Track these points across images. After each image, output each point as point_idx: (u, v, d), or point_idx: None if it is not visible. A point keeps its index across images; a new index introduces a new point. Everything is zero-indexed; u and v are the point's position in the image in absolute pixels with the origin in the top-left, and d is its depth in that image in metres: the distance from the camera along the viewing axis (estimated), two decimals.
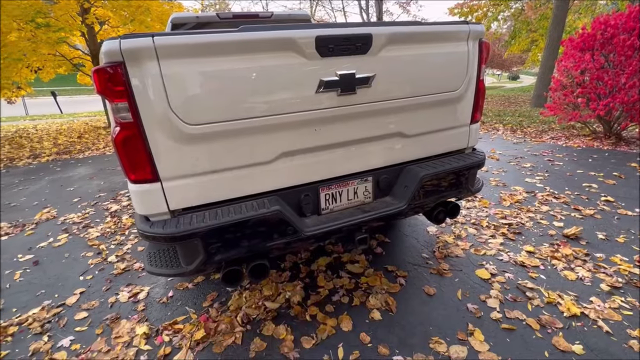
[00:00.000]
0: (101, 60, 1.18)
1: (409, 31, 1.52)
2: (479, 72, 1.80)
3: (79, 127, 9.78)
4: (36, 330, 1.88)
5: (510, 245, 2.47)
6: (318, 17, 24.10)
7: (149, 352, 1.70)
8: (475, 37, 1.71)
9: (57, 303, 2.11)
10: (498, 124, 7.30)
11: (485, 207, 3.10)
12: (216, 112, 1.30)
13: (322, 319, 1.84)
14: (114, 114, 1.22)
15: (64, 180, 4.73)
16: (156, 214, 1.35)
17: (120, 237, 2.93)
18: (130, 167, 1.28)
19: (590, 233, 2.54)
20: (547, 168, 4.11)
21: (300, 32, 1.32)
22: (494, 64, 23.74)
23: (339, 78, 1.41)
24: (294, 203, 1.59)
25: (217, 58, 1.26)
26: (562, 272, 2.12)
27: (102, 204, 3.75)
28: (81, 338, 1.82)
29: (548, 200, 3.17)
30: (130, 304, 2.07)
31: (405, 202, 1.70)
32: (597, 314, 1.76)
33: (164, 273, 1.42)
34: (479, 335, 1.68)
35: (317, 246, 2.56)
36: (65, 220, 3.35)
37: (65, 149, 6.88)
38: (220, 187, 1.42)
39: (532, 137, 5.86)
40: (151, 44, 1.15)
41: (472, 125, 1.93)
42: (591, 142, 5.14)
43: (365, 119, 1.58)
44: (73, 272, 2.45)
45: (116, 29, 8.80)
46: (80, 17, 7.67)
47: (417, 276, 2.18)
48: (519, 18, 13.74)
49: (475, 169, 1.89)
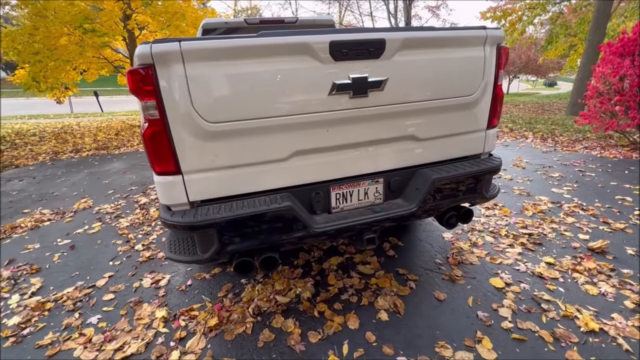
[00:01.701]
0: (134, 62, 1.31)
1: (423, 36, 1.55)
2: (497, 78, 1.79)
3: (116, 125, 10.45)
4: (69, 307, 2.07)
5: (529, 255, 2.39)
6: (346, 21, 24.25)
7: (166, 334, 1.82)
8: (493, 42, 1.70)
9: (89, 284, 2.30)
10: (528, 132, 7.01)
11: (505, 216, 3.02)
12: (235, 112, 1.39)
13: (330, 316, 1.89)
14: (143, 111, 1.35)
15: (100, 174, 5.09)
16: (177, 204, 1.47)
17: (147, 228, 3.13)
18: (155, 160, 1.40)
19: (619, 248, 2.41)
20: (577, 178, 3.91)
21: (315, 37, 1.38)
22: (528, 70, 22.67)
23: (351, 81, 1.47)
24: (306, 200, 1.65)
25: (237, 61, 1.35)
26: (582, 286, 2.03)
27: (132, 197, 4.02)
28: (107, 317, 1.97)
29: (575, 212, 3.02)
30: (152, 290, 2.21)
31: (416, 205, 1.71)
32: (618, 331, 1.68)
33: (182, 260, 1.53)
34: (487, 344, 1.65)
35: (330, 245, 2.61)
36: (99, 210, 3.62)
37: (104, 144, 7.39)
38: (236, 182, 1.51)
39: (563, 146, 5.58)
40: (178, 49, 1.26)
41: (488, 131, 1.91)
42: (629, 153, 4.82)
43: (377, 122, 1.62)
44: (104, 257, 2.65)
45: (154, 33, 9.36)
46: (122, 23, 8.24)
47: (428, 281, 2.17)
48: (557, 22, 13.10)
49: (490, 174, 1.87)
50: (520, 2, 12.93)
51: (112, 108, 16.29)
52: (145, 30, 9.46)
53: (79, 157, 6.28)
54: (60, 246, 2.85)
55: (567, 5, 12.89)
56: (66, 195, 4.15)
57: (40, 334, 1.86)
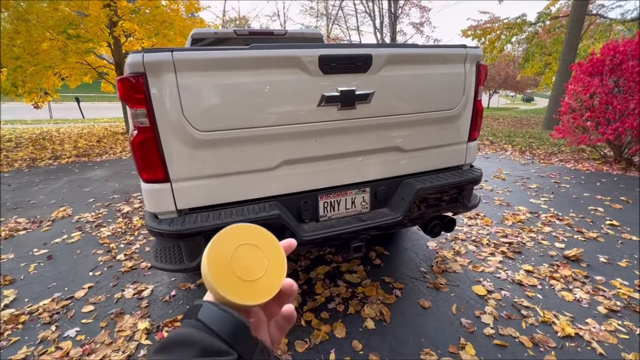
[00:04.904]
0: (125, 70, 1.32)
1: (407, 53, 1.63)
2: (477, 93, 1.88)
3: (98, 132, 10.20)
4: (45, 320, 1.99)
5: (509, 263, 2.47)
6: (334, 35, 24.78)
7: (149, 346, 1.77)
8: (472, 59, 1.80)
9: (67, 296, 2.21)
10: (507, 145, 7.29)
11: (487, 225, 3.12)
12: (225, 121, 1.41)
13: (317, 325, 1.89)
14: (133, 119, 1.35)
15: (81, 181, 4.95)
16: (164, 212, 1.46)
17: (129, 237, 3.05)
18: (144, 167, 1.39)
19: (592, 256, 2.53)
20: (553, 190, 4.10)
21: (305, 51, 1.43)
22: (507, 86, 23.72)
23: (339, 94, 1.52)
24: (294, 209, 1.67)
25: (228, 72, 1.38)
26: (559, 292, 2.12)
27: (115, 205, 3.92)
28: (86, 330, 1.90)
29: (551, 221, 3.16)
30: (134, 301, 2.16)
31: (401, 214, 1.76)
32: (592, 336, 1.76)
33: (168, 268, 1.51)
34: (470, 350, 1.70)
35: (317, 254, 2.62)
36: (79, 219, 3.51)
37: (85, 151, 7.19)
38: (225, 191, 1.52)
39: (540, 159, 5.84)
40: (170, 58, 1.28)
41: (469, 143, 2.00)
42: (600, 166, 5.10)
43: (364, 133, 1.67)
44: (83, 267, 2.56)
45: (141, 41, 9.29)
46: (108, 30, 8.15)
47: (413, 289, 2.21)
48: (533, 41, 13.84)
49: (472, 185, 1.95)
50: (499, 22, 13.61)
51: (94, 114, 15.90)
52: (132, 38, 9.38)
53: (58, 164, 6.08)
54: (37, 256, 2.74)
55: (542, 26, 13.66)
56: (44, 204, 4.00)
57: (14, 348, 1.78)
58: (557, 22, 13.47)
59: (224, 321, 0.35)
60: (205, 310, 0.36)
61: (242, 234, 0.43)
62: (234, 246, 0.42)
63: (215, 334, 0.34)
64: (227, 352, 0.33)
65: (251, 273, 0.41)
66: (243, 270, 0.40)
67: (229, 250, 0.41)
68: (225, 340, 0.34)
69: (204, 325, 0.35)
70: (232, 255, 0.41)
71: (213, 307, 0.37)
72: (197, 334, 0.34)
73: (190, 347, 0.32)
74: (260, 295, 0.40)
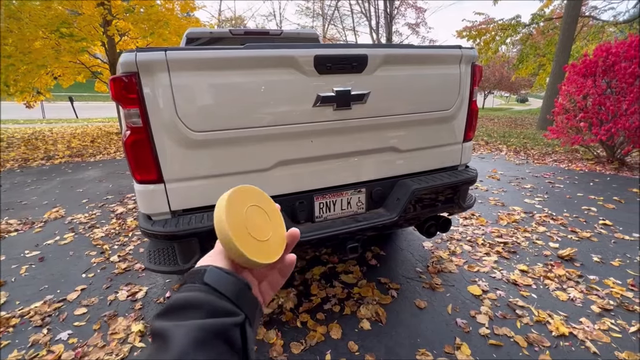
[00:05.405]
0: (118, 70, 1.30)
1: (403, 53, 1.63)
2: (472, 93, 1.89)
3: (92, 132, 10.10)
4: (37, 322, 1.95)
5: (504, 263, 2.49)
6: (330, 35, 24.79)
7: (143, 349, 1.75)
8: (467, 60, 1.81)
9: (59, 298, 2.18)
10: (502, 145, 7.34)
11: (482, 225, 3.13)
12: (219, 121, 1.40)
13: (313, 326, 1.88)
14: (125, 119, 1.33)
15: (74, 182, 4.89)
16: (158, 213, 1.44)
17: (123, 238, 3.02)
18: (137, 168, 1.38)
19: (585, 255, 2.55)
20: (548, 190, 4.13)
21: (301, 51, 1.43)
22: (502, 86, 23.89)
23: (335, 94, 1.51)
24: (289, 209, 1.66)
25: (223, 72, 1.37)
26: (554, 292, 2.13)
27: (108, 206, 3.87)
28: (79, 332, 1.88)
29: (545, 221, 3.18)
30: (128, 303, 2.13)
31: (397, 214, 1.76)
32: (586, 335, 1.77)
33: (162, 270, 1.49)
34: (466, 350, 1.70)
35: (313, 255, 2.61)
36: (72, 220, 3.46)
37: (78, 152, 7.11)
38: (219, 191, 1.49)
39: (534, 159, 5.89)
40: (164, 58, 1.27)
41: (465, 143, 2.01)
42: (593, 166, 5.15)
43: (360, 133, 1.67)
44: (76, 269, 2.53)
45: (135, 40, 9.21)
46: (102, 29, 8.07)
47: (409, 289, 2.21)
48: (527, 42, 13.97)
49: (467, 185, 1.95)
50: (494, 23, 13.71)
51: (88, 114, 15.73)
52: (126, 37, 9.30)
53: (50, 165, 6.01)
54: (28, 258, 2.70)
55: (536, 28, 13.78)
56: (36, 204, 3.95)
57: (4, 352, 1.74)
58: (550, 24, 13.60)
59: (229, 283, 0.37)
60: (211, 274, 0.38)
61: (248, 194, 0.45)
62: (245, 207, 0.43)
63: (223, 295, 0.36)
64: (235, 313, 0.35)
65: (263, 233, 0.43)
66: (256, 230, 0.42)
67: (242, 211, 0.42)
68: (232, 301, 0.36)
69: (210, 287, 0.36)
70: (245, 215, 0.42)
71: (218, 270, 0.38)
72: (204, 297, 0.35)
73: (199, 309, 0.34)
74: (273, 254, 0.42)
